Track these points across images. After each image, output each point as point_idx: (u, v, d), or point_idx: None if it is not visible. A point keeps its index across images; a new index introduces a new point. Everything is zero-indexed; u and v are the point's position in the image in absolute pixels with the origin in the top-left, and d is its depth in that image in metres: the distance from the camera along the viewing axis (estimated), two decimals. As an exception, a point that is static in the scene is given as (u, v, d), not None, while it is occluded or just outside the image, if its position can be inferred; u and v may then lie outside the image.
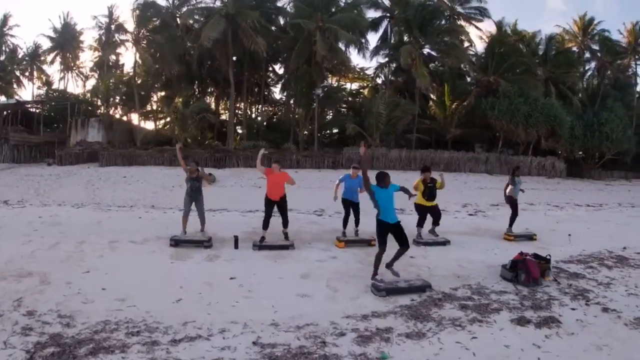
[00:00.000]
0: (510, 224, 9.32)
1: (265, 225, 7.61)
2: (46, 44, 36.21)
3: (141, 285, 5.07)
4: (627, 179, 28.71)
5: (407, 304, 4.83)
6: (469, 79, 30.99)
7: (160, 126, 33.74)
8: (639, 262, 7.42)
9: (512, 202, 9.36)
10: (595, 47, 31.72)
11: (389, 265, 5.67)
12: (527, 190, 9.59)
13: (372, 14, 29.31)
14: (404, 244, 5.59)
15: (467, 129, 27.77)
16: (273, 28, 28.35)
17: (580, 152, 28.88)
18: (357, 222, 8.43)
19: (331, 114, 32.84)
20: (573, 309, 4.83)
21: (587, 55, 32.47)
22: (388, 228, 5.59)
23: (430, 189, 8.37)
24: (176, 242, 7.16)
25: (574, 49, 31.57)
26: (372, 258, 6.84)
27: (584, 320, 4.50)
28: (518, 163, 22.27)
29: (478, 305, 4.82)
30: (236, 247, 7.20)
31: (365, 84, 35.71)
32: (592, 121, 27.01)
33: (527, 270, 5.82)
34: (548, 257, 6.19)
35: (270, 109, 37.09)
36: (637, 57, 32.09)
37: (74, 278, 5.29)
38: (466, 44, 29.89)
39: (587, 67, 32.97)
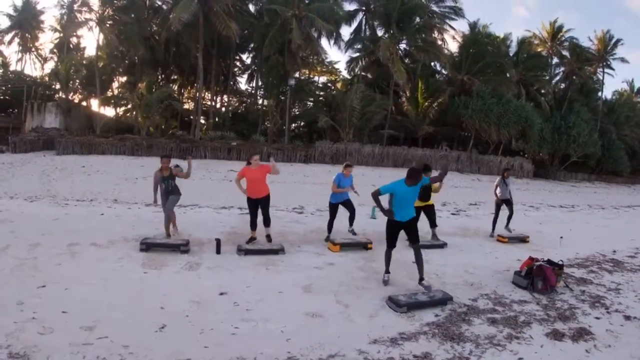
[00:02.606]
0: (507, 223, 9.28)
1: (253, 225, 6.87)
2: (5, 23, 33.73)
3: (111, 306, 4.07)
4: (590, 181, 29.95)
5: (433, 320, 4.28)
6: (438, 77, 31.06)
7: (121, 113, 31.83)
8: (635, 266, 7.39)
9: (498, 202, 9.23)
10: (565, 52, 32.69)
11: (420, 280, 5.19)
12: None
13: (346, 6, 28.79)
14: (415, 241, 5.30)
15: (438, 126, 27.84)
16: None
17: (543, 154, 29.71)
18: (352, 221, 7.81)
19: (297, 107, 32.10)
20: (597, 318, 4.65)
21: (556, 60, 33.47)
22: (399, 226, 5.31)
23: (425, 189, 7.71)
24: (147, 246, 6.15)
25: (543, 53, 32.37)
26: (372, 264, 6.33)
27: (614, 330, 4.33)
28: (507, 165, 22.51)
29: (506, 319, 4.44)
30: (218, 252, 6.28)
31: (334, 78, 35.18)
32: (560, 124, 27.90)
33: (544, 278, 5.49)
34: (561, 262, 5.88)
35: (236, 99, 35.78)
36: (604, 64, 33.42)
37: (27, 296, 4.21)
38: (439, 43, 29.87)
39: (556, 72, 34.03)
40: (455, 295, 4.98)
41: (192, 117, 28.99)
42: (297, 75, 28.35)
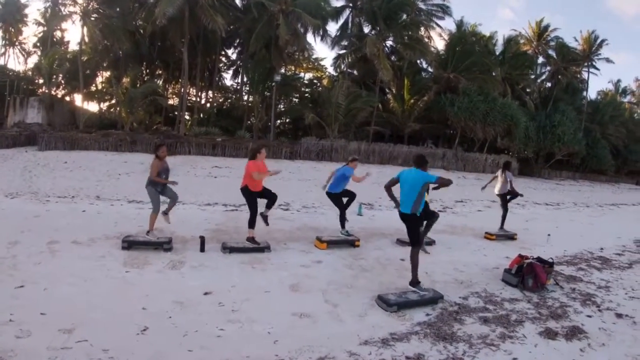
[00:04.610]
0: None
1: (254, 223, 6.56)
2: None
3: (92, 307, 3.87)
4: (574, 180, 30.43)
5: (425, 320, 4.18)
6: (423, 74, 31.09)
7: (104, 108, 31.23)
8: (622, 264, 7.49)
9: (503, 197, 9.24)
10: (551, 52, 33.09)
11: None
12: (486, 188, 9.71)
13: (333, 2, 28.50)
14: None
15: (424, 124, 27.92)
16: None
17: (528, 152, 30.07)
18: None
19: (283, 103, 31.85)
20: (589, 316, 4.63)
21: (541, 59, 33.84)
22: None
23: None
24: (129, 244, 5.92)
25: (529, 52, 32.71)
26: (360, 262, 6.22)
27: (606, 328, 4.33)
28: (508, 159, 22.63)
29: (498, 317, 4.39)
30: (202, 249, 6.09)
31: (320, 75, 35.01)
32: (545, 123, 28.25)
33: (534, 276, 5.48)
34: (551, 260, 5.89)
35: (221, 95, 35.38)
36: (589, 64, 33.95)
37: (5, 297, 3.99)
38: (425, 40, 29.88)
39: (541, 71, 34.44)
40: (445, 293, 4.91)
41: (176, 112, 28.52)
42: (282, 71, 28.10)
